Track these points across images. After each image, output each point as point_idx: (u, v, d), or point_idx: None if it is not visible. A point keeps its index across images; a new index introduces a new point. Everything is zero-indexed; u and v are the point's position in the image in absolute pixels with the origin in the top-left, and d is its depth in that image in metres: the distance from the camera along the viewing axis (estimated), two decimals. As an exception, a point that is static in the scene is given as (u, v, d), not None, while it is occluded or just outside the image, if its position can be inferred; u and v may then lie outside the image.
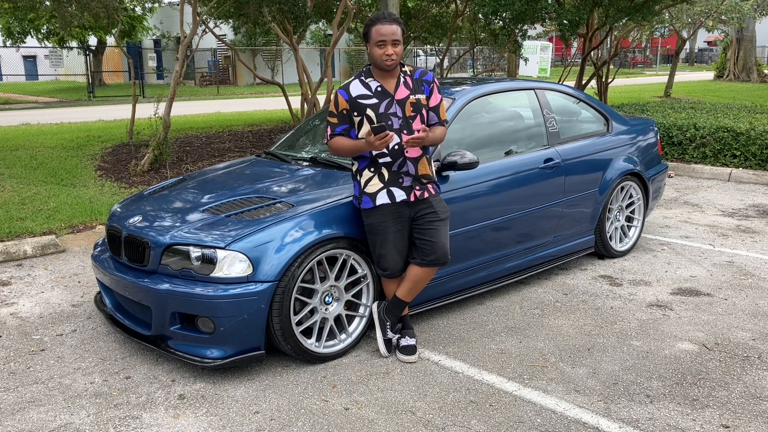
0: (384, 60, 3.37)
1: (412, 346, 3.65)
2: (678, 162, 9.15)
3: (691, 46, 45.37)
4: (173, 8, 25.99)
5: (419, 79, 3.52)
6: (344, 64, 35.34)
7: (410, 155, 3.46)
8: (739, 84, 24.52)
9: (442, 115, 3.56)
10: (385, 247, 3.52)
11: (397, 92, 3.45)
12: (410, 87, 3.48)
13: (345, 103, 3.48)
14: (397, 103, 3.44)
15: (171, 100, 8.53)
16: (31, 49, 33.38)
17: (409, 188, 3.48)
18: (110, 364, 3.63)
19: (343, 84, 3.57)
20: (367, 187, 3.51)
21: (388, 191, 3.48)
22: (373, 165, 3.50)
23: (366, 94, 3.45)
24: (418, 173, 3.48)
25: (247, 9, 10.42)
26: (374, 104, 3.44)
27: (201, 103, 20.92)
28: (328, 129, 3.55)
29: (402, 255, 3.56)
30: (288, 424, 3.02)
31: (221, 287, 3.31)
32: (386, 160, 3.47)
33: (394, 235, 3.50)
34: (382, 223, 3.49)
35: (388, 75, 3.46)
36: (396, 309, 3.65)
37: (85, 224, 6.08)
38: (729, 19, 20.04)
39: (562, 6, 10.71)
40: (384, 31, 3.35)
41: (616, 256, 5.33)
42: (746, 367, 3.52)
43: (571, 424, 3.00)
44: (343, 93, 3.48)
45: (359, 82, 3.49)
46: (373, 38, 3.37)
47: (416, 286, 3.61)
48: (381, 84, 3.46)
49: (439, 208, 3.54)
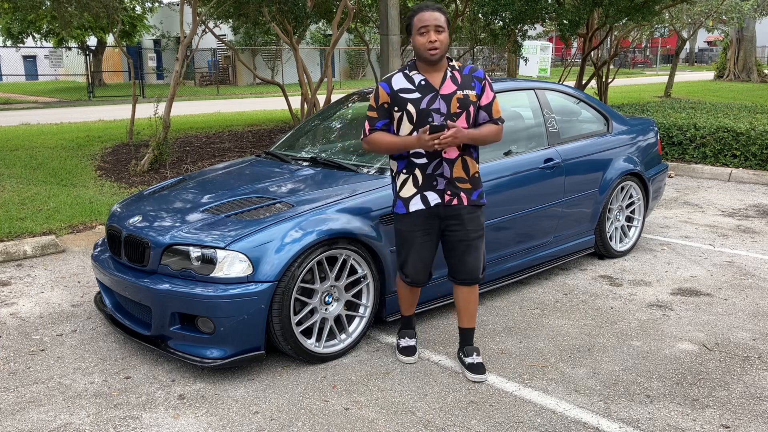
0: (427, 48, 3.12)
1: (411, 347, 3.65)
2: (678, 162, 9.15)
3: (691, 46, 45.37)
4: (173, 9, 25.98)
5: (469, 75, 3.26)
6: (344, 64, 35.35)
7: (447, 156, 3.23)
8: (739, 84, 24.53)
9: (495, 113, 3.31)
10: (410, 255, 3.38)
11: (443, 87, 3.20)
12: (458, 82, 3.22)
13: (386, 96, 3.26)
14: (442, 98, 3.19)
15: (171, 100, 8.53)
16: (31, 49, 33.37)
17: (442, 192, 3.28)
18: (110, 364, 3.62)
19: (385, 76, 3.34)
20: (402, 191, 3.32)
21: (422, 196, 3.28)
22: (409, 167, 3.29)
23: (408, 88, 3.22)
24: (453, 176, 3.26)
25: (247, 9, 10.43)
26: (416, 99, 3.20)
27: (201, 103, 20.92)
28: (366, 124, 3.32)
29: (426, 265, 3.42)
30: (288, 424, 3.02)
31: (221, 287, 3.31)
32: (422, 161, 3.25)
33: (420, 245, 3.35)
34: (410, 231, 3.33)
35: (433, 69, 3.22)
36: (466, 339, 3.52)
37: (85, 224, 6.08)
38: (729, 19, 20.03)
39: (562, 6, 10.71)
40: (426, 17, 3.12)
41: (616, 256, 5.33)
42: (746, 367, 3.52)
43: (571, 424, 3.00)
44: (384, 86, 3.27)
45: (402, 75, 3.26)
46: (415, 26, 3.15)
47: (466, 308, 3.47)
48: (425, 78, 3.22)
49: (472, 227, 3.31)
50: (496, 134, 3.30)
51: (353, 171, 4.13)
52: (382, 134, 3.29)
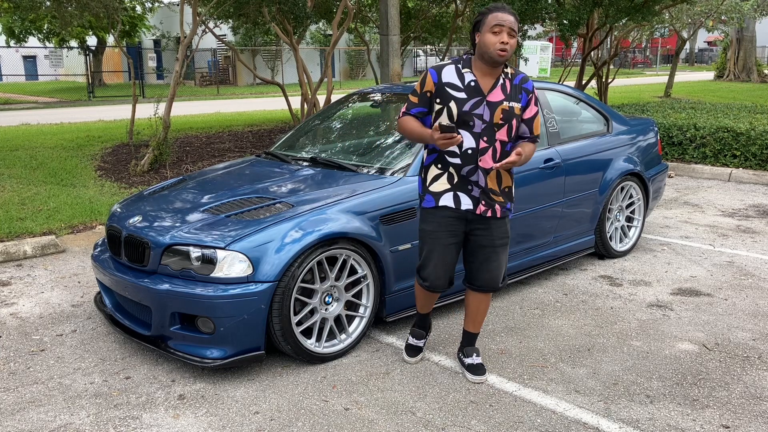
0: (498, 48, 2.98)
1: (416, 347, 3.63)
2: (678, 162, 9.15)
3: (691, 46, 45.36)
4: (173, 9, 25.97)
5: (518, 85, 3.14)
6: (344, 64, 35.35)
7: (483, 165, 3.12)
8: (739, 84, 24.53)
9: (536, 129, 3.19)
10: (430, 259, 3.27)
11: (491, 93, 3.08)
12: (507, 92, 3.10)
13: (432, 85, 3.13)
14: (488, 105, 3.07)
15: (171, 100, 8.53)
16: (31, 49, 33.38)
17: (477, 200, 3.17)
18: (110, 364, 3.63)
19: (436, 65, 3.19)
20: (433, 185, 3.21)
21: (455, 195, 3.18)
22: (442, 162, 3.18)
23: (456, 85, 3.10)
24: (487, 186, 3.16)
25: (247, 9, 10.43)
26: (461, 99, 3.07)
27: (201, 103, 20.92)
28: (404, 106, 3.24)
29: (447, 271, 3.30)
30: (288, 425, 3.02)
31: (221, 287, 3.31)
32: (456, 161, 3.14)
33: (443, 248, 3.24)
34: (435, 232, 3.22)
35: (488, 71, 3.09)
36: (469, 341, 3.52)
37: (85, 224, 6.08)
38: (729, 19, 20.03)
39: (562, 6, 10.71)
40: (503, 17, 3.00)
41: (616, 256, 5.33)
42: (746, 367, 3.52)
43: (571, 425, 3.00)
44: (433, 73, 3.13)
45: (454, 69, 3.13)
46: (488, 23, 3.00)
47: (476, 314, 3.43)
48: (476, 79, 3.09)
49: (497, 234, 3.23)
50: (532, 153, 3.22)
51: (353, 171, 4.13)
52: (411, 120, 3.20)
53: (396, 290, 3.86)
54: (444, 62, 3.20)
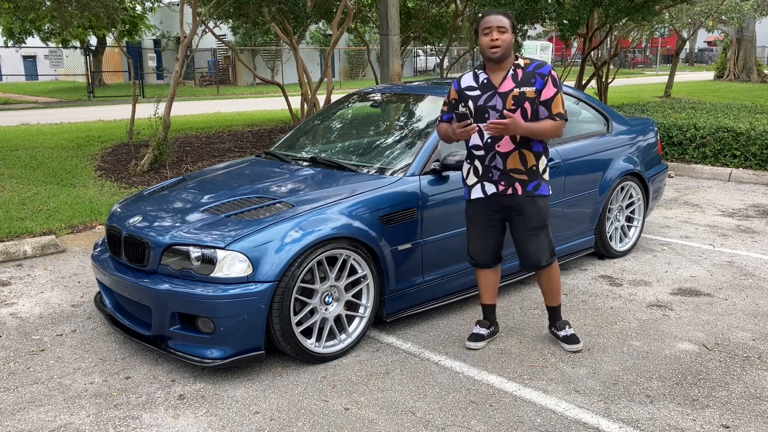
0: (489, 46, 3.39)
1: (477, 334, 3.79)
2: (678, 162, 9.15)
3: (691, 46, 45.33)
4: (173, 9, 25.98)
5: (532, 71, 3.44)
6: (344, 64, 35.35)
7: (500, 149, 3.46)
8: (739, 84, 24.52)
9: (555, 108, 3.43)
10: (472, 239, 3.72)
11: (502, 85, 3.44)
12: (518, 80, 3.43)
13: (455, 93, 3.60)
14: (499, 95, 3.43)
15: (171, 100, 8.53)
16: (31, 49, 33.38)
17: (497, 182, 3.52)
18: (110, 364, 3.63)
19: (458, 75, 3.71)
20: (467, 179, 3.65)
21: (482, 185, 3.57)
22: (470, 158, 3.61)
23: (472, 86, 3.52)
24: (507, 168, 3.48)
25: (247, 9, 10.42)
26: (476, 96, 3.49)
27: (201, 103, 20.92)
28: (440, 115, 3.74)
29: (487, 250, 3.69)
30: (288, 424, 3.02)
31: (221, 287, 3.31)
32: (480, 152, 3.53)
33: (481, 230, 3.66)
34: (473, 216, 3.66)
35: (498, 68, 3.46)
36: (553, 315, 3.83)
37: (84, 224, 6.08)
38: (729, 19, 20.03)
39: (562, 6, 10.71)
40: (490, 19, 3.41)
41: (616, 256, 5.33)
42: (746, 367, 3.52)
43: (571, 424, 3.00)
44: (455, 84, 3.61)
45: (471, 74, 3.57)
46: (481, 28, 3.43)
47: (548, 288, 3.76)
48: (489, 77, 3.48)
49: (532, 217, 3.54)
50: (553, 129, 3.43)
51: (353, 171, 4.13)
52: (445, 125, 3.67)
53: (396, 290, 3.86)
54: (463, 72, 3.73)
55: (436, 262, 4.04)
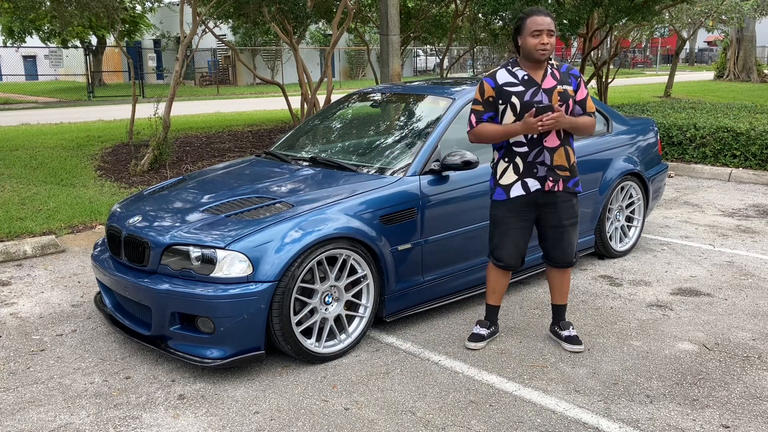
0: (538, 49, 3.39)
1: (478, 335, 3.78)
2: (678, 162, 9.15)
3: (691, 46, 45.32)
4: (173, 9, 25.97)
5: (566, 72, 3.54)
6: (344, 64, 35.35)
7: (548, 144, 3.48)
8: (739, 84, 24.51)
9: (589, 108, 3.56)
10: (504, 241, 3.62)
11: (545, 82, 3.47)
12: (557, 78, 3.49)
13: (491, 90, 3.51)
14: (544, 91, 3.46)
15: (171, 100, 8.53)
16: (31, 48, 33.35)
17: (543, 178, 3.51)
18: (110, 364, 3.63)
19: (488, 73, 3.61)
20: (502, 179, 3.57)
21: (523, 183, 3.52)
22: (509, 155, 3.54)
23: (512, 82, 3.48)
24: (553, 164, 3.49)
25: (247, 9, 10.43)
26: (520, 92, 3.46)
27: (201, 103, 20.92)
28: (473, 117, 3.58)
29: (520, 251, 3.65)
30: (288, 424, 3.02)
31: (221, 287, 3.31)
32: (523, 149, 3.50)
33: (515, 231, 3.60)
34: (506, 218, 3.58)
35: (535, 66, 3.48)
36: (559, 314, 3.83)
37: (84, 224, 6.08)
38: (729, 19, 20.02)
39: (562, 6, 10.70)
40: (540, 21, 3.39)
41: (616, 256, 5.33)
42: (746, 367, 3.52)
43: (571, 424, 3.00)
44: (489, 81, 3.52)
45: (506, 71, 3.53)
46: (528, 28, 3.40)
47: (560, 287, 3.77)
48: (528, 73, 3.48)
49: (565, 214, 3.57)
50: (590, 125, 3.56)
51: (353, 171, 4.13)
52: (488, 124, 3.54)
53: (396, 290, 3.86)
54: (493, 69, 3.61)
55: (436, 262, 4.04)
